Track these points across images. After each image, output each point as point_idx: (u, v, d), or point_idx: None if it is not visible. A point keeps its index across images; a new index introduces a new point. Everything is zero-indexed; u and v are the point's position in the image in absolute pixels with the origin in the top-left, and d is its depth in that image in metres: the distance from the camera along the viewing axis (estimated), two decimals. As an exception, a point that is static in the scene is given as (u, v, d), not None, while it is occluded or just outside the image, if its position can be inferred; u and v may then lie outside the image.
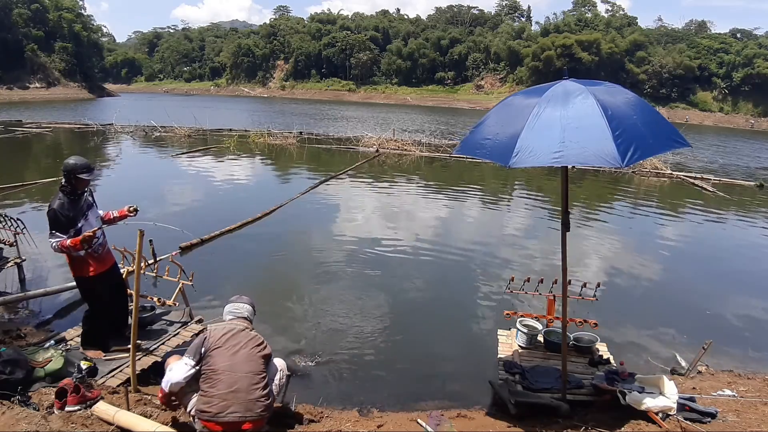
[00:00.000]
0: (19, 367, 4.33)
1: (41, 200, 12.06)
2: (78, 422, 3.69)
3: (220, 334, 3.70)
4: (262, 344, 3.80)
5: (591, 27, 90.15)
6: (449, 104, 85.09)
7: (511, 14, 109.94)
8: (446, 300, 8.05)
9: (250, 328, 3.88)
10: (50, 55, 74.59)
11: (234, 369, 3.58)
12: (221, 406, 3.49)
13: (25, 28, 72.23)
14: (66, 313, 6.78)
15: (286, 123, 36.25)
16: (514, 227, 12.53)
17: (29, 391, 4.25)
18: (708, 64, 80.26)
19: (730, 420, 4.24)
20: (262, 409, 3.60)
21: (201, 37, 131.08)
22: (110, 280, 5.19)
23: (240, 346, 3.68)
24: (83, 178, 4.82)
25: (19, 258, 7.58)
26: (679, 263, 10.51)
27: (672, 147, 4.27)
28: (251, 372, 3.62)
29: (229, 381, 3.54)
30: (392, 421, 4.46)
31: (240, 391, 3.54)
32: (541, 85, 4.26)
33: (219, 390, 3.52)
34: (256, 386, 3.60)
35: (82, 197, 4.95)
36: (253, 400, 3.56)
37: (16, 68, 68.27)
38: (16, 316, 6.69)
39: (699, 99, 79.65)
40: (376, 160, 22.71)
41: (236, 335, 3.73)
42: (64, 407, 3.89)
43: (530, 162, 3.72)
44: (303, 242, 10.45)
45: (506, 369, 5.15)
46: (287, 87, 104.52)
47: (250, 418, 3.53)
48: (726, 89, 78.68)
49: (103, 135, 27.55)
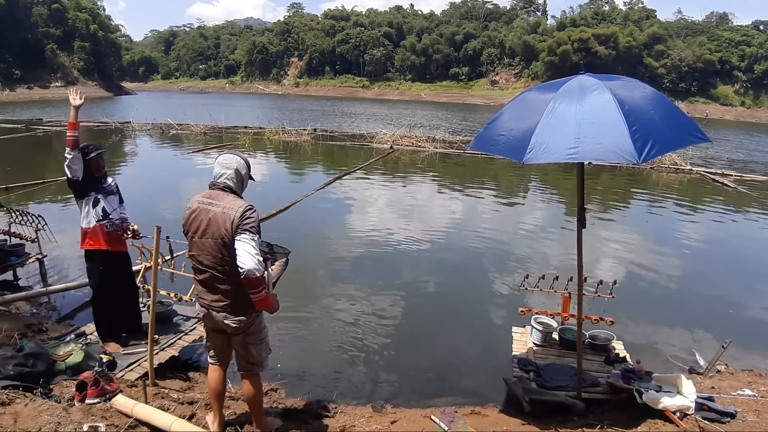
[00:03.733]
0: (41, 360, 4.39)
1: (62, 197, 12.20)
2: (98, 414, 3.73)
3: (187, 215, 3.50)
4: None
5: (608, 20, 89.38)
6: (464, 100, 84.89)
7: (527, 8, 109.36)
8: (461, 296, 8.05)
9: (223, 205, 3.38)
10: (69, 55, 75.48)
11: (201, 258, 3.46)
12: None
13: (45, 27, 73.12)
14: (86, 307, 6.84)
15: (300, 120, 36.43)
16: (529, 224, 12.45)
17: (51, 384, 4.30)
18: (729, 57, 79.06)
19: (750, 420, 4.16)
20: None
21: (216, 35, 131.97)
22: (121, 266, 5.26)
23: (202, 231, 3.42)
24: (92, 157, 4.95)
25: (41, 254, 7.67)
26: (698, 261, 10.38)
27: (691, 142, 4.21)
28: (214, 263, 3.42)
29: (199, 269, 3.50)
30: (406, 417, 4.46)
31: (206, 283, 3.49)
32: (557, 80, 4.22)
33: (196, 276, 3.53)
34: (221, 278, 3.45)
35: (103, 183, 5.08)
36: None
37: (37, 68, 69.38)
38: (38, 311, 6.79)
39: (720, 93, 78.40)
40: (391, 156, 22.68)
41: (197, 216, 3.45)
42: (84, 400, 3.94)
43: (544, 158, 3.68)
44: (317, 238, 10.48)
45: (521, 366, 5.14)
46: (301, 84, 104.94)
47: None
48: (748, 83, 77.57)
49: (121, 133, 27.86)
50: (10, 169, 16.20)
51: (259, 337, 3.63)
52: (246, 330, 3.51)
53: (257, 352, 3.63)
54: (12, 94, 63.22)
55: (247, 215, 3.29)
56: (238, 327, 3.46)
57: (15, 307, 6.70)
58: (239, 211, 3.28)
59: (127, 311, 5.39)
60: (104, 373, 4.42)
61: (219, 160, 3.53)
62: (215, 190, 3.45)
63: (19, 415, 3.58)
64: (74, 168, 4.84)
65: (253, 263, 3.18)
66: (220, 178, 3.47)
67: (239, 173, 3.50)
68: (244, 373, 3.66)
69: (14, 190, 12.86)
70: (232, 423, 3.91)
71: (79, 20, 78.79)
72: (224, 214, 3.30)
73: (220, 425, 3.75)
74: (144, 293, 6.03)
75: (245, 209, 3.30)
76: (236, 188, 3.49)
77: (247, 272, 3.17)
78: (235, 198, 3.42)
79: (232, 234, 3.26)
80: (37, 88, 67.57)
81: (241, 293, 3.37)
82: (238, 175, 3.49)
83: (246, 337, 3.55)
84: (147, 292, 5.83)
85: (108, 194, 5.08)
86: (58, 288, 7.09)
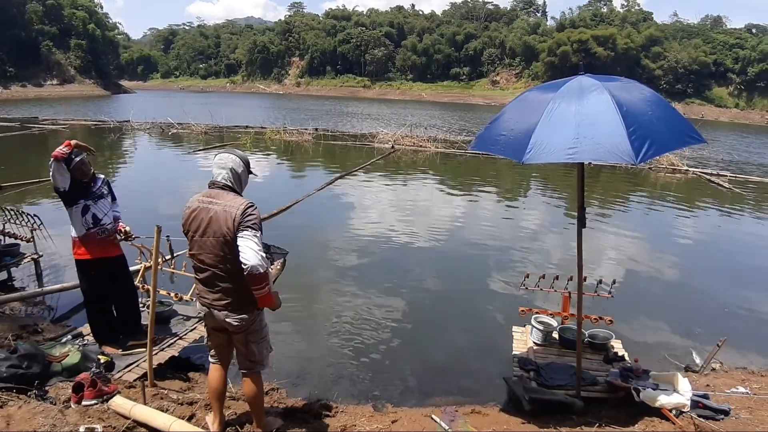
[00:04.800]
0: (36, 361, 4.35)
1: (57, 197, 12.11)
2: (94, 416, 3.70)
3: (187, 214, 3.49)
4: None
5: (606, 22, 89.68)
6: (464, 100, 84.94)
7: (527, 9, 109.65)
8: (461, 296, 8.06)
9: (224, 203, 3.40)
10: (65, 53, 75.13)
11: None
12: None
13: (40, 25, 72.72)
14: (83, 308, 6.83)
15: (301, 119, 36.36)
16: (530, 223, 12.48)
17: (46, 386, 4.27)
18: (723, 59, 79.59)
19: (743, 417, 4.22)
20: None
21: (216, 34, 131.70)
22: (115, 269, 5.17)
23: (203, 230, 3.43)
24: (75, 164, 4.83)
25: (36, 254, 7.64)
26: (695, 260, 10.45)
27: (687, 143, 4.25)
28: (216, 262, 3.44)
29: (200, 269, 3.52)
30: (406, 416, 4.46)
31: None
32: (557, 80, 4.23)
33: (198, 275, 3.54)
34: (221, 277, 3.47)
35: (91, 187, 5.00)
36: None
37: (31, 65, 68.96)
38: (33, 311, 6.76)
39: (715, 95, 78.84)
40: (392, 156, 22.69)
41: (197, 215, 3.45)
42: (80, 401, 3.90)
43: (544, 158, 3.71)
44: (318, 238, 10.48)
45: (521, 366, 5.14)
46: (302, 84, 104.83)
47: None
48: (741, 85, 77.92)
49: (119, 132, 27.79)
50: (4, 167, 16.18)
51: (260, 335, 3.64)
52: (248, 328, 3.52)
53: (258, 351, 3.63)
54: (6, 91, 62.85)
55: (249, 212, 3.31)
56: (240, 325, 3.47)
57: (9, 307, 6.65)
58: (240, 209, 3.29)
59: (125, 314, 5.32)
60: (102, 374, 4.34)
61: (215, 160, 3.54)
62: (215, 189, 3.46)
63: (13, 418, 3.56)
64: (58, 178, 4.76)
65: (256, 259, 3.20)
66: (218, 178, 3.48)
67: (235, 172, 3.50)
68: (245, 372, 3.66)
69: (8, 189, 12.65)
70: (233, 423, 3.90)
71: (76, 18, 78.40)
72: (225, 212, 3.31)
73: (220, 425, 3.74)
74: (144, 293, 6.02)
75: (246, 206, 3.32)
76: (235, 186, 3.51)
77: (251, 268, 3.19)
78: (235, 196, 3.43)
79: (234, 232, 3.28)
80: (32, 86, 67.15)
81: (242, 291, 3.39)
82: (234, 173, 3.50)
83: (247, 335, 3.55)
84: (147, 292, 5.82)
85: (98, 198, 5.00)
86: (54, 288, 7.00)
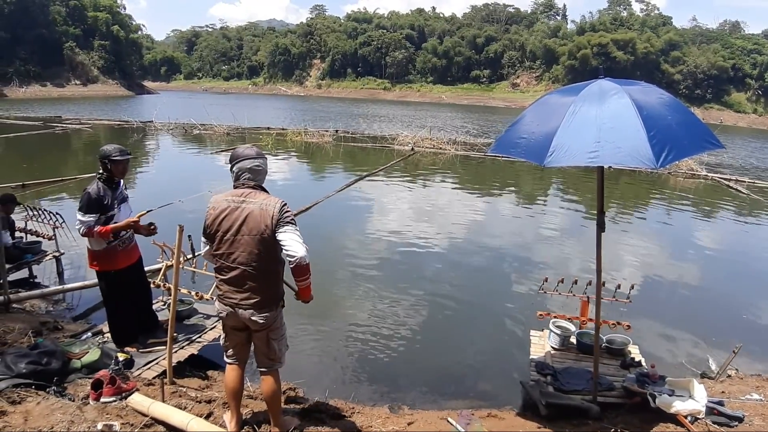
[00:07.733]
0: (55, 358, 4.41)
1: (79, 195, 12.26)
2: (113, 413, 3.75)
3: (214, 215, 3.50)
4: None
5: (626, 26, 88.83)
6: (484, 102, 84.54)
7: (547, 12, 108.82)
8: (479, 299, 8.04)
9: (260, 201, 3.46)
10: (89, 53, 75.80)
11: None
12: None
13: (63, 26, 73.50)
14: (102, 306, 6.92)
15: (322, 121, 36.51)
16: (549, 227, 12.40)
17: (65, 382, 4.33)
18: (742, 64, 78.87)
19: (756, 424, 4.20)
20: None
21: (239, 36, 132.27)
22: (136, 273, 5.20)
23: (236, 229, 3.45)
24: (117, 159, 4.80)
25: (58, 251, 7.77)
26: (714, 266, 10.34)
27: (706, 148, 4.19)
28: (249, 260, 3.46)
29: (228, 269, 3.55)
30: (422, 419, 4.47)
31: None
32: (577, 83, 4.21)
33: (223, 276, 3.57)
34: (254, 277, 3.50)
35: (119, 187, 4.99)
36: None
37: (54, 65, 69.54)
38: (54, 309, 6.84)
39: (733, 100, 78.01)
40: (412, 158, 22.67)
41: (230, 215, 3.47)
42: (99, 398, 3.96)
43: (565, 161, 3.69)
44: (337, 239, 10.52)
45: (538, 370, 5.12)
46: (323, 86, 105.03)
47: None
48: (759, 90, 77.06)
49: (143, 132, 28.10)
50: (26, 165, 16.45)
51: (280, 332, 3.69)
52: (270, 325, 3.57)
53: (279, 348, 3.68)
54: (29, 91, 63.33)
55: (285, 209, 3.44)
56: (265, 323, 3.52)
57: (30, 304, 6.72)
58: (277, 207, 3.41)
59: (145, 314, 5.36)
60: (121, 371, 4.41)
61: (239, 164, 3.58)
62: (245, 189, 3.52)
63: (31, 414, 3.61)
64: (83, 228, 4.76)
65: (303, 250, 3.33)
66: (241, 179, 3.54)
67: (253, 170, 3.56)
68: (264, 370, 3.69)
69: (31, 187, 12.89)
70: (250, 422, 3.92)
71: (99, 19, 79.15)
72: (263, 210, 3.39)
73: (237, 424, 3.77)
74: (165, 291, 6.08)
75: (282, 204, 3.45)
76: (261, 184, 3.60)
77: (299, 259, 3.32)
78: (267, 195, 3.53)
79: (272, 228, 3.37)
80: (55, 86, 67.48)
81: (268, 290, 3.51)
82: (253, 172, 3.56)
83: (269, 332, 3.60)
84: (168, 291, 5.88)
85: (121, 202, 4.98)
86: (75, 286, 7.05)
